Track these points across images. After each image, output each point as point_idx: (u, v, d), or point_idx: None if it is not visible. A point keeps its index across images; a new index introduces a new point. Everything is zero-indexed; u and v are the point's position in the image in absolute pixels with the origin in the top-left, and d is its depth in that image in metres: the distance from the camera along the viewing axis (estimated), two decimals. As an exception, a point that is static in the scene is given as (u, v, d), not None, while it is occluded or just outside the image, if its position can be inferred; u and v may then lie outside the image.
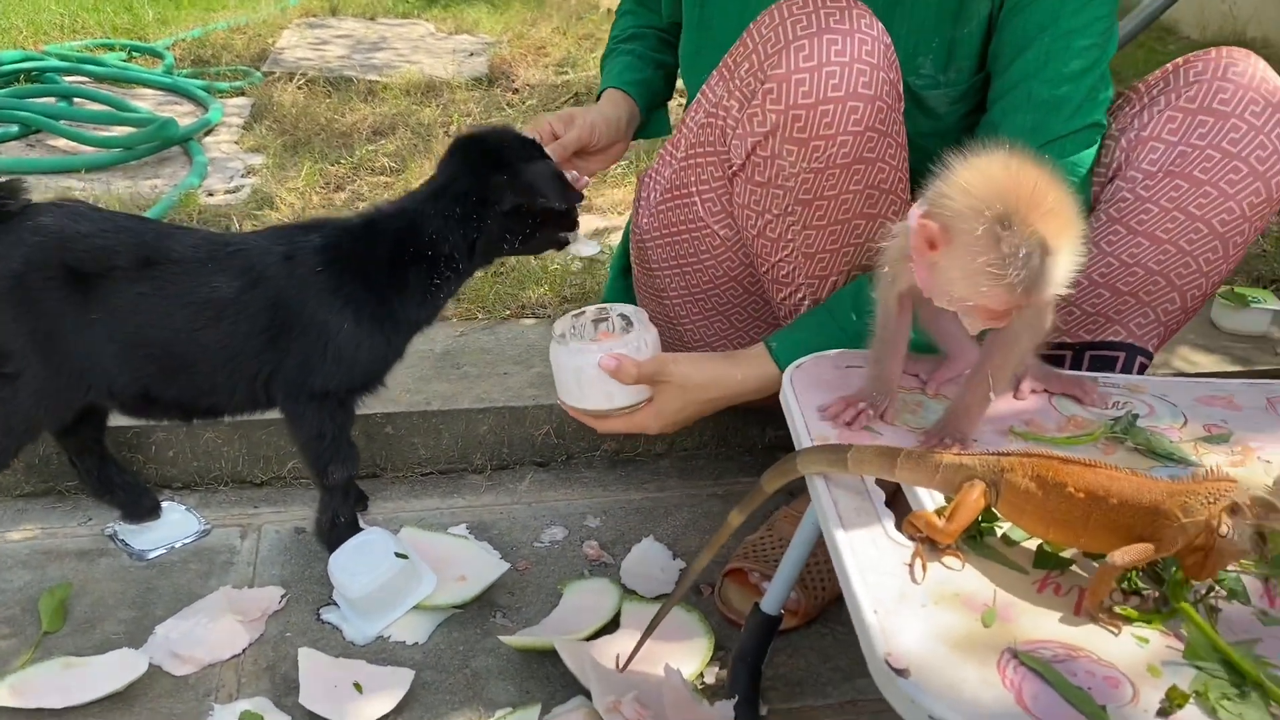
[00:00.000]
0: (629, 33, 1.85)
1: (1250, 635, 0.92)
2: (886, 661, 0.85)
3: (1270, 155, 1.40)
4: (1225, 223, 1.44)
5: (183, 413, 1.54)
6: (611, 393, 1.45)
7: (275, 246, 1.46)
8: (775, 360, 1.46)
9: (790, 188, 1.39)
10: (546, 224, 1.52)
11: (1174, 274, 1.49)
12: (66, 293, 1.39)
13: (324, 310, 1.45)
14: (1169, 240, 1.46)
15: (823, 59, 1.30)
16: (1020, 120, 1.43)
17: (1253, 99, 1.40)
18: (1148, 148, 1.46)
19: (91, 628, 1.51)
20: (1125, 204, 1.47)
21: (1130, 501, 0.92)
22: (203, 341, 1.44)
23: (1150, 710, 0.83)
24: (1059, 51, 1.41)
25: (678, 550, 1.71)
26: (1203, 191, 1.43)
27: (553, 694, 1.42)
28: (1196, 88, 1.43)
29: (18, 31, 4.02)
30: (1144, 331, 1.53)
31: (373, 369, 1.53)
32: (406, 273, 1.49)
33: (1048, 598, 0.96)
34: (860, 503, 1.07)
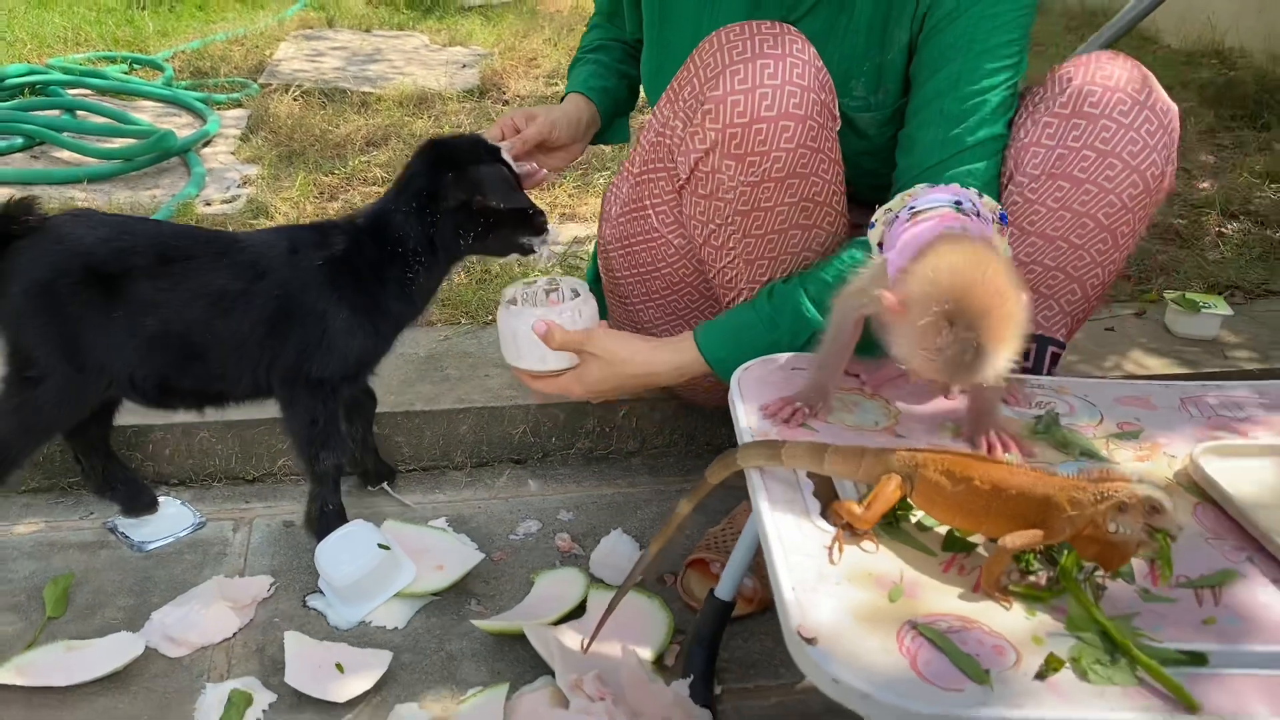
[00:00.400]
0: (596, 44, 1.97)
1: (1131, 610, 1.02)
2: (798, 632, 0.96)
3: (1141, 149, 1.51)
4: (1109, 215, 1.54)
5: (197, 400, 1.66)
6: (544, 355, 1.61)
7: (279, 243, 1.59)
8: (697, 343, 1.59)
9: (730, 200, 1.51)
10: (502, 226, 1.64)
11: (1070, 267, 1.59)
12: (91, 294, 1.51)
13: (321, 301, 1.58)
14: (1060, 237, 1.57)
15: (756, 81, 1.42)
16: (931, 134, 1.55)
17: (1119, 99, 1.51)
18: (1030, 153, 1.56)
19: (92, 614, 1.61)
20: (1016, 207, 1.58)
21: (1025, 493, 1.03)
22: (216, 331, 1.56)
23: (1029, 674, 0.93)
24: (969, 72, 1.53)
25: (644, 542, 1.82)
26: (1084, 189, 1.53)
27: (521, 674, 1.53)
28: (1069, 94, 1.54)
29: (22, 45, 4.14)
30: (1051, 322, 1.64)
31: (363, 358, 1.66)
32: (385, 268, 1.62)
33: (951, 577, 1.06)
34: (791, 493, 1.17)
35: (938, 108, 1.55)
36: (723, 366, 1.56)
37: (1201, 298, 2.46)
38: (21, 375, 1.54)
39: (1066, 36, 5.25)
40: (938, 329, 1.10)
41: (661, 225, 1.67)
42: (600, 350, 1.60)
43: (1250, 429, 1.36)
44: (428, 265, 1.64)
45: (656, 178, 1.63)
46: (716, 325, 1.60)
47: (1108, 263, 1.60)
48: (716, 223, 1.56)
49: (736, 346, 1.55)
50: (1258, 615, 1.02)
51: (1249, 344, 2.44)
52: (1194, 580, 1.07)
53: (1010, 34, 1.54)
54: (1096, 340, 2.43)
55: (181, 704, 1.45)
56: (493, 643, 1.59)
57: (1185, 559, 1.10)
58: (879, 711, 0.89)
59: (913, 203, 1.36)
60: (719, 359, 1.57)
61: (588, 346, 1.60)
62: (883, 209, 1.41)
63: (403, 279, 1.63)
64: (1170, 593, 1.05)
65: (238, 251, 1.58)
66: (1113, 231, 1.56)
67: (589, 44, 2.00)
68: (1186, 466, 1.26)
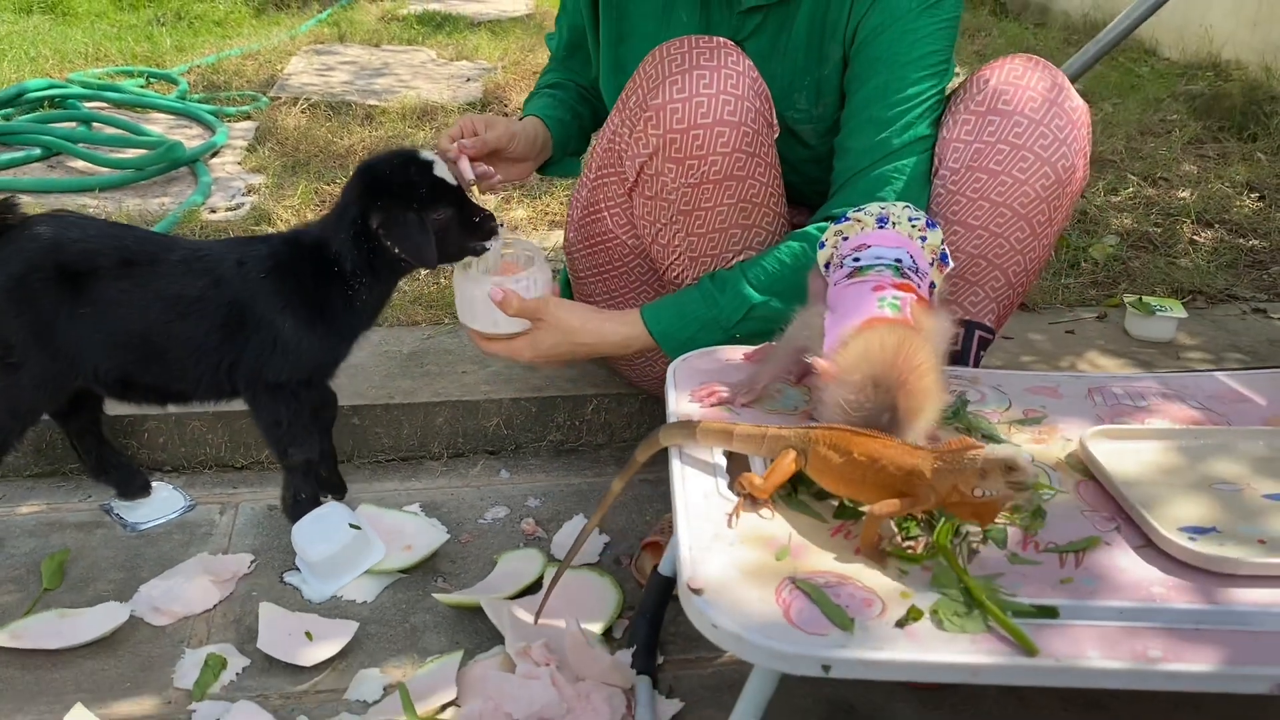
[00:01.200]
0: (553, 81, 2.07)
1: (996, 571, 1.13)
2: (688, 585, 1.07)
3: (1051, 143, 1.62)
4: (1025, 205, 1.66)
5: (158, 397, 1.77)
6: (497, 320, 1.70)
7: (230, 254, 1.70)
8: (643, 318, 1.70)
9: (673, 200, 1.63)
10: (446, 243, 1.67)
11: (992, 254, 1.69)
12: (61, 291, 1.63)
13: (269, 311, 1.68)
14: (980, 226, 1.68)
15: (693, 91, 1.54)
16: (862, 139, 1.67)
17: (1030, 97, 1.63)
18: (951, 148, 1.68)
19: (85, 586, 1.74)
20: (940, 198, 1.69)
21: (895, 464, 1.14)
22: (173, 333, 1.67)
23: (891, 622, 1.04)
24: (896, 82, 1.65)
25: (605, 527, 1.93)
26: (999, 180, 1.65)
27: (479, 644, 1.64)
28: (985, 94, 1.67)
29: (45, 60, 4.32)
30: (978, 309, 1.75)
31: (317, 364, 1.75)
32: (327, 285, 1.69)
33: (838, 541, 1.17)
34: (704, 468, 1.29)
35: (867, 115, 1.67)
36: (666, 340, 1.68)
37: (1157, 301, 2.55)
38: (3, 361, 1.67)
39: (1066, 49, 5.33)
40: (863, 389, 1.22)
41: (615, 226, 1.79)
42: (553, 319, 1.69)
43: (1147, 417, 1.46)
44: (369, 283, 1.71)
45: (609, 181, 1.76)
46: (662, 302, 1.72)
47: (1028, 250, 1.70)
48: (662, 222, 1.69)
49: (679, 320, 1.68)
50: (1112, 577, 1.13)
51: (1203, 346, 2.53)
52: (1061, 546, 1.18)
53: (932, 45, 1.66)
54: (1056, 342, 2.52)
55: (163, 666, 1.58)
56: (454, 616, 1.70)
57: (1059, 528, 1.21)
58: (749, 651, 1.00)
59: (857, 253, 1.44)
60: (663, 332, 1.69)
61: (541, 314, 1.68)
62: (833, 230, 1.50)
63: (346, 294, 1.70)
64: (1037, 556, 1.16)
65: (196, 259, 1.68)
66: (1029, 220, 1.67)
67: (545, 82, 2.09)
68: (1077, 449, 1.36)
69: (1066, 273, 2.88)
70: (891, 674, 1.00)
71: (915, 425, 1.21)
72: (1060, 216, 1.69)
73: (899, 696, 1.53)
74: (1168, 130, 4.11)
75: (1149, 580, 1.12)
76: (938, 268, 1.44)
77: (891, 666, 1.00)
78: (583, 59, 2.04)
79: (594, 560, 1.84)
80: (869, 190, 1.66)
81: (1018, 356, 2.44)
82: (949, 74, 1.69)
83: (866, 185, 1.67)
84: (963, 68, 3.75)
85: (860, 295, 1.34)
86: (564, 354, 1.73)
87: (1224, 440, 1.38)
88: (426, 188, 1.65)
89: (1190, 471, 1.32)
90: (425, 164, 1.66)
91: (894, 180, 1.65)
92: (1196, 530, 1.20)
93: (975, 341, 1.73)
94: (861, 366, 1.22)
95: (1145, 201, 3.38)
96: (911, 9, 1.64)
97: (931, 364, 1.23)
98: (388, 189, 1.65)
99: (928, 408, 1.22)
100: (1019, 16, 6.47)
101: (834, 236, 1.49)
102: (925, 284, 1.40)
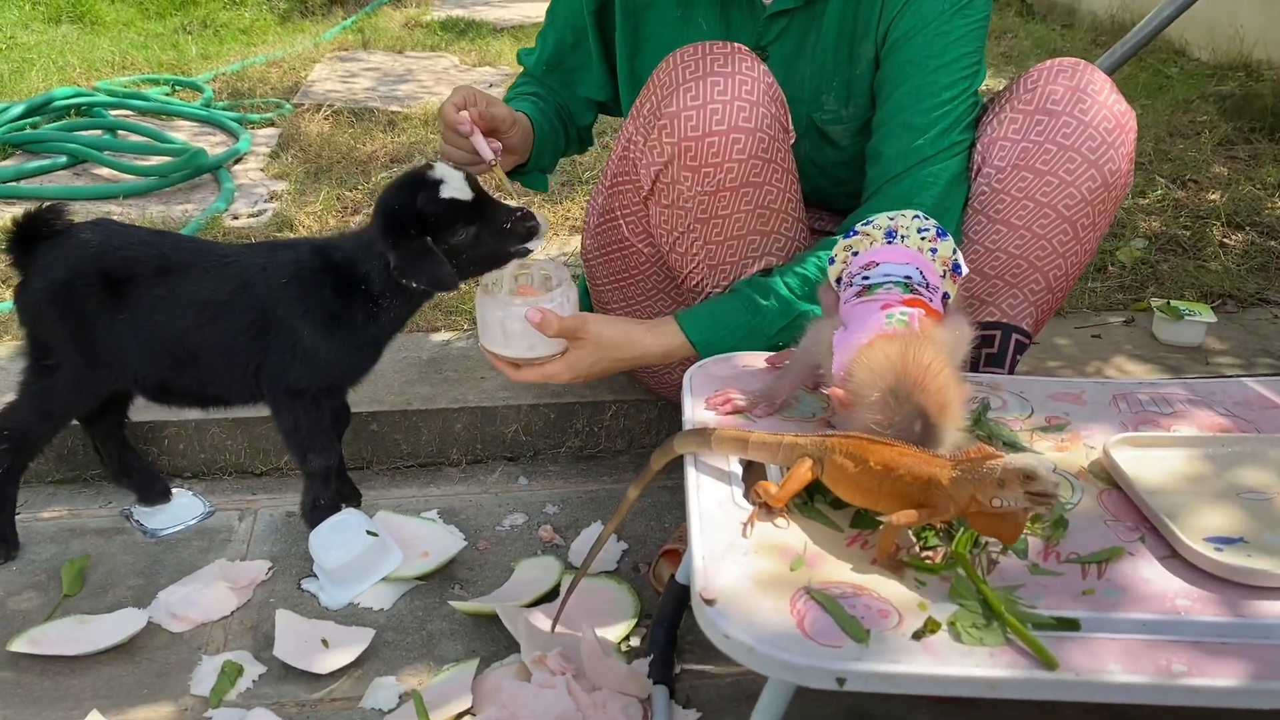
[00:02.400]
0: (532, 90, 1.97)
1: (1017, 582, 1.11)
2: (700, 595, 1.05)
3: (1100, 145, 1.60)
4: (1069, 207, 1.64)
5: (196, 401, 1.79)
6: (534, 343, 1.61)
7: (257, 259, 1.70)
8: (681, 328, 1.66)
9: (690, 208, 1.62)
10: (479, 251, 1.62)
11: (1033, 256, 1.67)
12: (102, 296, 1.65)
13: (291, 317, 1.68)
14: (1023, 226, 1.66)
15: (707, 98, 1.53)
16: (896, 145, 1.65)
17: (1079, 98, 1.61)
18: (998, 146, 1.66)
19: (104, 592, 1.74)
20: (984, 197, 1.67)
21: (912, 473, 1.12)
22: (205, 337, 1.68)
23: (907, 634, 1.02)
24: (929, 85, 1.63)
25: (623, 534, 1.92)
26: (1045, 181, 1.63)
27: (495, 652, 1.63)
28: (1034, 92, 1.65)
29: (73, 69, 4.36)
30: (1016, 311, 1.72)
31: (338, 373, 1.75)
32: (352, 299, 1.68)
33: (854, 551, 1.15)
34: (720, 476, 1.27)
35: (900, 120, 1.65)
36: (709, 350, 1.64)
37: (1186, 305, 2.51)
38: (40, 363, 1.69)
39: (1094, 50, 5.28)
40: (885, 406, 1.20)
41: (632, 235, 1.78)
42: (594, 336, 1.62)
43: (1173, 423, 1.43)
44: (396, 304, 1.69)
45: (624, 189, 1.74)
46: (698, 311, 1.67)
47: (1069, 254, 1.68)
48: (679, 230, 1.67)
49: (721, 329, 1.64)
50: (1135, 588, 1.10)
51: (1233, 351, 2.49)
52: (1083, 556, 1.15)
53: (965, 48, 1.64)
54: (1082, 347, 2.49)
55: (179, 673, 1.57)
56: (471, 623, 1.69)
57: (1082, 538, 1.19)
58: (761, 663, 0.99)
59: (866, 272, 1.43)
60: (705, 342, 1.64)
61: (581, 332, 1.61)
62: (843, 244, 1.48)
63: (369, 309, 1.68)
64: (1058, 567, 1.14)
65: (228, 264, 1.70)
66: (1073, 223, 1.65)
67: (525, 90, 1.98)
68: (1101, 457, 1.33)
69: (1093, 276, 2.84)
70: (907, 687, 0.98)
71: (947, 424, 1.19)
72: (1104, 221, 1.67)
73: (919, 706, 1.51)
74: (1197, 132, 4.05)
75: (1173, 592, 1.09)
76: (950, 279, 1.42)
77: (907, 680, 0.98)
78: (562, 77, 1.97)
79: (612, 568, 1.83)
80: (904, 197, 1.64)
81: (1043, 361, 2.40)
82: (980, 76, 1.67)
83: (900, 191, 1.65)
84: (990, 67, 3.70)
85: (869, 313, 1.33)
86: (602, 371, 1.66)
87: (1252, 448, 1.35)
88: (437, 213, 1.59)
89: (1217, 480, 1.29)
90: (434, 186, 1.59)
91: (930, 186, 1.64)
92: (1223, 540, 1.17)
93: (1012, 345, 1.70)
94: (875, 384, 1.21)
95: (1174, 204, 3.33)
96: (944, 11, 1.62)
97: (940, 361, 1.20)
98: (400, 223, 1.60)
99: (952, 404, 1.20)
100: (1045, 18, 6.41)
101: (844, 252, 1.48)
102: (937, 297, 1.39)
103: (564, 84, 1.98)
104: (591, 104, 1.98)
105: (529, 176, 1.95)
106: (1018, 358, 1.74)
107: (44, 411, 1.74)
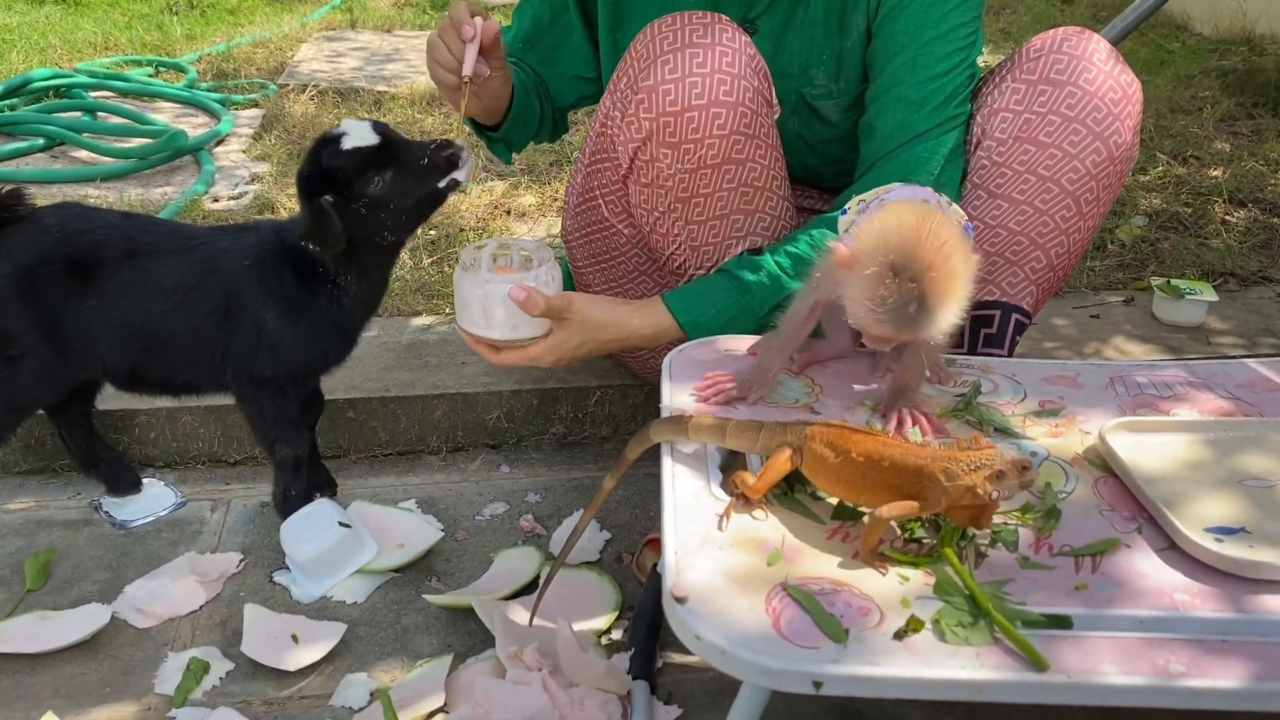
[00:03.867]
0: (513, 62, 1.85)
1: (1006, 577, 1.05)
2: (671, 592, 1.00)
3: (1106, 117, 1.53)
4: (1073, 181, 1.57)
5: (166, 389, 1.73)
6: (517, 324, 1.51)
7: (221, 241, 1.64)
8: (669, 308, 1.58)
9: (670, 187, 1.55)
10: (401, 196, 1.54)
11: (1035, 233, 1.61)
12: (69, 282, 1.59)
13: (254, 302, 1.63)
14: (1025, 201, 1.59)
15: (686, 71, 1.46)
16: (891, 119, 1.58)
17: (1085, 67, 1.55)
18: (999, 118, 1.60)
19: (70, 587, 1.69)
20: (984, 170, 1.61)
21: (899, 465, 1.06)
22: (172, 323, 1.62)
23: (889, 634, 0.96)
24: (924, 57, 1.56)
25: (606, 523, 1.86)
26: (1049, 154, 1.57)
27: (471, 647, 1.57)
28: (1036, 61, 1.58)
29: (54, 50, 4.28)
30: (1016, 290, 1.66)
31: (303, 359, 1.68)
32: (310, 277, 1.62)
33: (834, 544, 1.09)
34: (696, 465, 1.21)
35: (895, 94, 1.59)
36: (697, 331, 1.57)
37: (1187, 284, 2.45)
38: (3, 353, 1.62)
39: (1094, 25, 5.19)
40: (882, 280, 1.13)
41: (611, 215, 1.71)
42: (580, 315, 1.54)
43: (1172, 406, 1.38)
44: (356, 272, 1.62)
45: (603, 168, 1.68)
46: (686, 291, 1.61)
47: (1072, 230, 1.61)
48: (660, 210, 1.60)
49: (710, 309, 1.57)
50: (1131, 582, 1.05)
51: (1235, 330, 2.43)
52: (1077, 549, 1.09)
53: (961, 18, 1.58)
54: (1081, 327, 2.43)
55: (144, 671, 1.52)
56: (447, 617, 1.64)
57: (1075, 529, 1.13)
58: (734, 666, 0.93)
59: (884, 195, 1.39)
60: (694, 323, 1.58)
61: (568, 312, 1.53)
62: (856, 198, 1.43)
63: (330, 288, 1.63)
64: (1050, 560, 1.08)
65: (194, 248, 1.64)
66: (1076, 198, 1.58)
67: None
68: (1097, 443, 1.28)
69: (1092, 255, 2.78)
70: (888, 691, 0.93)
71: (945, 316, 1.12)
72: (1109, 196, 1.60)
73: (911, 701, 1.45)
74: (1199, 107, 3.98)
75: (1172, 586, 1.04)
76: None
77: (888, 683, 0.92)
78: (541, 55, 1.89)
79: (594, 558, 1.77)
80: (900, 172, 1.57)
81: (1040, 343, 2.35)
82: (978, 46, 1.60)
83: (896, 167, 1.59)
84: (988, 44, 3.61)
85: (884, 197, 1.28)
86: (588, 353, 1.59)
87: (1255, 432, 1.29)
88: (342, 166, 1.52)
89: (1218, 466, 1.23)
90: (335, 140, 1.53)
91: (927, 161, 1.57)
92: (1224, 531, 1.11)
93: (1011, 325, 1.64)
94: (880, 251, 1.13)
95: (1175, 181, 3.27)
96: None
97: (957, 241, 1.13)
98: (311, 188, 1.54)
99: (958, 295, 1.13)
100: (1046, -8, 6.32)
101: (856, 203, 1.42)
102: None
103: (543, 62, 1.90)
104: (575, 81, 1.89)
105: (494, 145, 1.87)
106: (1017, 338, 1.68)
107: (8, 403, 1.68)
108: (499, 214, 2.92)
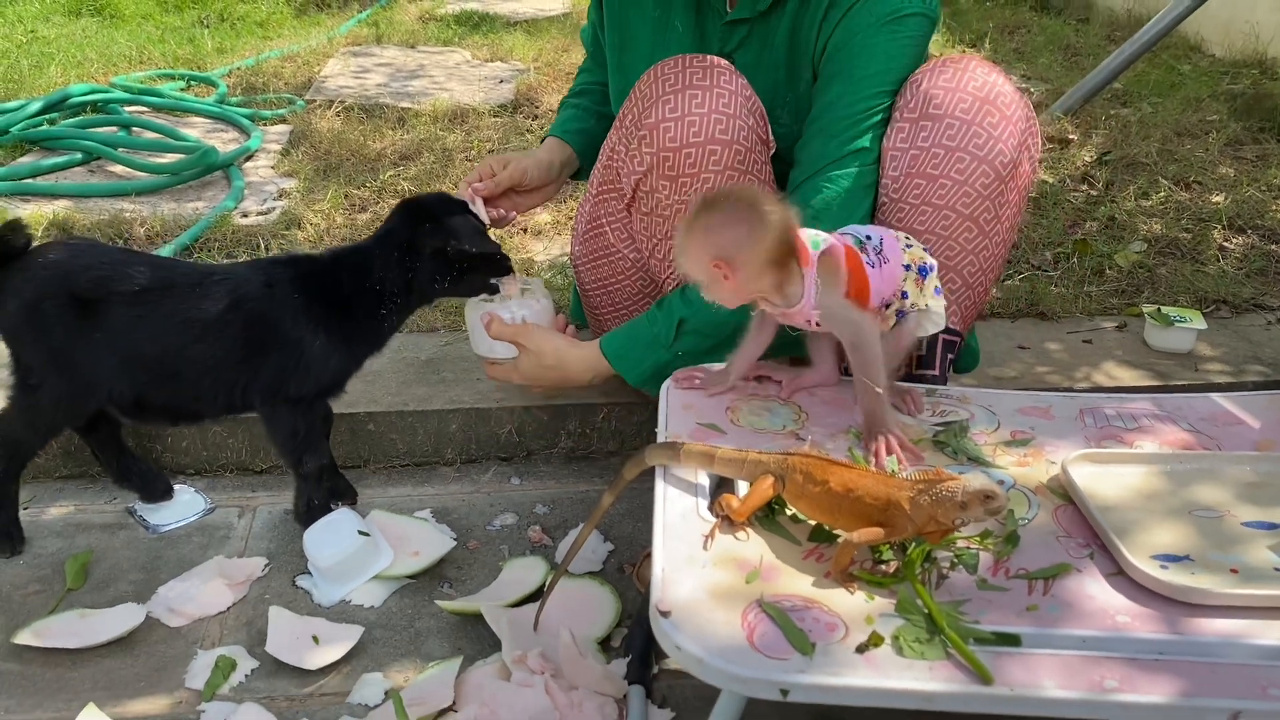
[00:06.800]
0: (580, 87, 2.13)
1: (963, 597, 1.15)
2: (656, 606, 1.10)
3: (986, 141, 1.64)
4: (968, 205, 1.67)
5: (170, 417, 1.83)
6: (491, 345, 1.85)
7: (256, 276, 1.76)
8: (601, 349, 1.77)
9: (668, 216, 1.67)
10: (473, 271, 1.80)
11: (943, 258, 1.70)
12: (73, 317, 1.69)
13: (299, 329, 1.75)
14: (927, 230, 1.69)
15: (685, 110, 1.58)
16: (810, 150, 1.71)
17: (960, 99, 1.65)
18: (889, 158, 1.71)
19: (106, 586, 1.81)
20: (885, 207, 1.72)
21: (869, 495, 1.16)
22: (190, 355, 1.73)
23: (851, 648, 1.06)
24: (847, 95, 1.68)
25: (609, 535, 1.96)
26: (939, 184, 1.67)
27: (480, 651, 1.68)
28: (915, 99, 1.68)
29: (91, 64, 4.43)
30: None
31: (337, 378, 1.83)
32: (361, 303, 1.78)
33: (810, 564, 1.20)
34: (686, 487, 1.32)
35: (818, 127, 1.71)
36: (618, 361, 1.76)
37: (1176, 311, 2.53)
38: (25, 382, 1.74)
39: (1108, 46, 5.27)
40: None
41: (617, 241, 1.83)
42: (531, 344, 1.80)
43: (1136, 439, 1.47)
44: (401, 305, 1.82)
45: (609, 197, 1.80)
46: (620, 329, 1.80)
47: (979, 250, 1.71)
48: (658, 238, 1.72)
49: (628, 341, 1.75)
50: (1079, 604, 1.14)
51: (1224, 358, 2.50)
52: (1031, 572, 1.19)
53: (889, 63, 1.69)
54: (1073, 352, 2.51)
55: (176, 667, 1.64)
56: (458, 622, 1.75)
57: (1032, 553, 1.23)
58: (709, 674, 1.03)
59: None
60: (615, 353, 1.76)
61: (520, 339, 1.80)
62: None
63: (377, 314, 1.80)
64: (1006, 582, 1.18)
65: (217, 282, 1.74)
66: (974, 220, 1.68)
67: (575, 88, 2.15)
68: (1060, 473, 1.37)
69: (1089, 280, 2.86)
70: (848, 699, 1.03)
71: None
72: (1008, 212, 1.69)
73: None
74: (1205, 131, 4.04)
75: (1115, 609, 1.13)
76: (914, 280, 1.47)
77: (848, 692, 1.02)
78: (600, 60, 2.08)
79: (597, 568, 1.88)
80: (805, 198, 1.68)
81: (1033, 366, 2.43)
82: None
83: (803, 194, 1.69)
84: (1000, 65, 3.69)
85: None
86: (543, 379, 1.84)
87: (1210, 465, 1.39)
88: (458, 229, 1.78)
89: (1172, 497, 1.33)
90: (461, 202, 1.84)
91: (825, 189, 1.68)
92: (1169, 558, 1.20)
93: (940, 345, 1.73)
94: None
95: (1176, 206, 3.34)
96: (870, 25, 1.66)
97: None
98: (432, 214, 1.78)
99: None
100: (1061, 13, 6.39)
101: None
102: (883, 264, 1.48)
103: (601, 66, 2.07)
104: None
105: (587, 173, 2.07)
106: (949, 356, 1.76)
107: (32, 426, 1.79)
108: (516, 230, 3.03)
